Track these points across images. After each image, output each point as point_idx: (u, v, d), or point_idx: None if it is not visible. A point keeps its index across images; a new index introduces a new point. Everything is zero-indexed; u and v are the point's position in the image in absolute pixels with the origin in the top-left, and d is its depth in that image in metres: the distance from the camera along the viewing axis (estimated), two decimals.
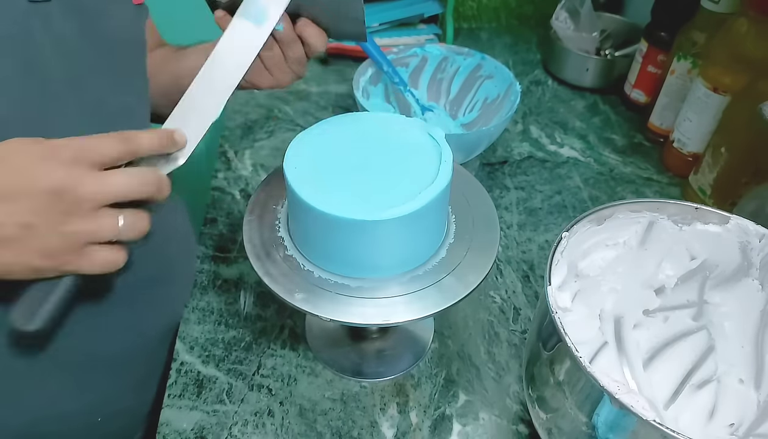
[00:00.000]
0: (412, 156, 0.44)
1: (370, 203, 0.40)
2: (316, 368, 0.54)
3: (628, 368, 0.48)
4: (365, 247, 0.41)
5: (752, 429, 0.42)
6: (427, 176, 0.42)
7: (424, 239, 0.43)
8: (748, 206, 0.56)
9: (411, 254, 0.43)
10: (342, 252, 0.42)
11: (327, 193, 0.40)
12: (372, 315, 0.40)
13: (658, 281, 0.48)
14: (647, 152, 0.81)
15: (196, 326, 0.57)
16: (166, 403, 0.50)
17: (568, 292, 0.45)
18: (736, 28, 0.65)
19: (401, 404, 0.51)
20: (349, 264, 0.42)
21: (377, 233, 0.40)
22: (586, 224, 0.42)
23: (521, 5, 1.12)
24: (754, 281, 0.43)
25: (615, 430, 0.32)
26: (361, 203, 0.39)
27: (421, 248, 0.44)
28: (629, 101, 0.88)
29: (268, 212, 0.47)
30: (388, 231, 0.40)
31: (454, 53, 0.77)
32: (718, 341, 0.46)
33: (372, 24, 0.95)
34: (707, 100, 0.68)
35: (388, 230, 0.40)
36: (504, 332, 0.57)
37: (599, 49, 0.96)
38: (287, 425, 0.49)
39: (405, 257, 0.43)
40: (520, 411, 0.51)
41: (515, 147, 0.81)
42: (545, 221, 0.69)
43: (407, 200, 0.39)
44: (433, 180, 0.41)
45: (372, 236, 0.40)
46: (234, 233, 0.66)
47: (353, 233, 0.40)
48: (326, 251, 0.42)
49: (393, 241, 0.41)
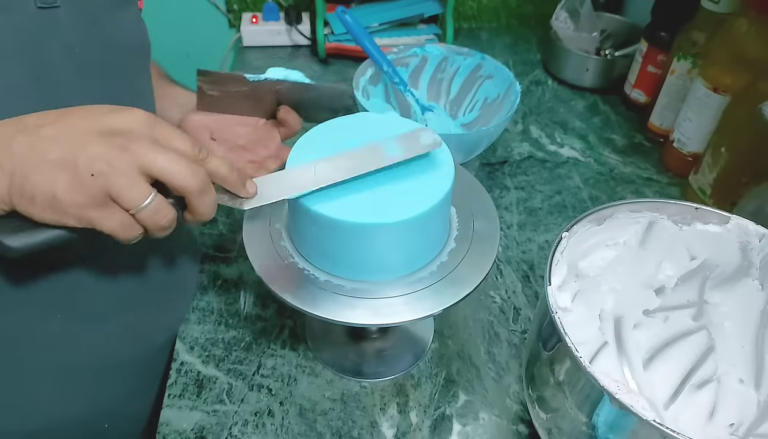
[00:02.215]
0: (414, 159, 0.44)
1: (372, 207, 0.39)
2: (316, 368, 0.54)
3: (628, 368, 0.48)
4: (367, 250, 0.41)
5: (752, 429, 0.42)
6: (429, 180, 0.42)
7: (426, 243, 0.43)
8: (748, 206, 0.56)
9: (413, 257, 0.43)
10: (342, 255, 0.41)
11: (328, 196, 0.40)
12: (372, 315, 0.40)
13: (658, 281, 0.47)
14: (647, 152, 0.81)
15: (196, 326, 0.57)
16: (166, 403, 0.50)
17: (568, 292, 0.45)
18: (736, 28, 0.65)
19: (401, 404, 0.51)
20: (349, 267, 0.42)
21: (379, 236, 0.40)
22: (586, 224, 0.42)
23: (521, 5, 1.12)
24: (754, 281, 0.43)
25: (615, 430, 0.32)
26: (362, 207, 0.39)
27: (423, 252, 0.44)
28: (629, 101, 0.88)
29: (268, 212, 0.47)
30: (390, 235, 0.40)
31: (454, 53, 0.77)
32: (718, 341, 0.46)
33: (372, 24, 0.95)
34: (707, 100, 0.68)
35: (390, 234, 0.40)
36: (504, 332, 0.57)
37: (599, 49, 0.96)
38: (287, 425, 0.49)
39: (407, 260, 0.43)
40: (520, 411, 0.51)
41: (515, 147, 0.81)
42: (545, 221, 0.69)
43: (409, 204, 0.39)
44: (436, 184, 0.41)
45: (374, 239, 0.40)
46: (234, 233, 0.66)
47: (354, 237, 0.40)
48: (326, 253, 0.42)
49: (395, 245, 0.41)
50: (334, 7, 0.88)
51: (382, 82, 0.76)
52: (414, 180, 0.42)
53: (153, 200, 0.34)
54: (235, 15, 1.07)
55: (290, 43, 1.02)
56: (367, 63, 0.73)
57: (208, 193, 0.37)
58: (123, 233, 0.35)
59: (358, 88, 0.70)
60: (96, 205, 0.33)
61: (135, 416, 0.58)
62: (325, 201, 0.39)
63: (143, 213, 0.34)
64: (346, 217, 0.39)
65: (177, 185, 0.35)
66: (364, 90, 0.72)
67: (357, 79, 0.71)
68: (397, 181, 0.42)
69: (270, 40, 1.02)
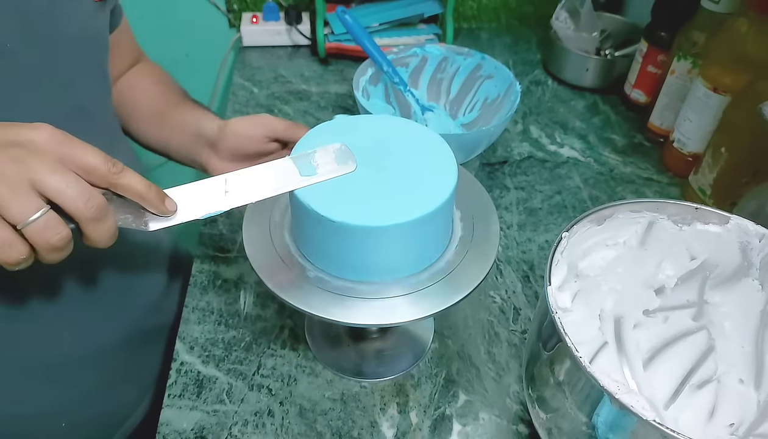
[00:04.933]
0: (416, 161, 0.44)
1: (374, 208, 0.39)
2: (316, 368, 0.54)
3: (628, 368, 0.48)
4: (368, 252, 0.41)
5: (752, 429, 0.42)
6: (432, 182, 0.42)
7: (429, 244, 0.43)
8: (748, 206, 0.56)
9: (415, 258, 0.43)
10: (343, 256, 0.41)
11: (330, 198, 0.40)
12: (372, 315, 0.40)
13: (658, 281, 0.47)
14: (647, 152, 0.81)
15: (196, 326, 0.57)
16: (166, 403, 0.50)
17: (568, 292, 0.45)
18: (736, 28, 0.65)
19: (401, 404, 0.51)
20: (350, 267, 0.42)
21: (382, 238, 0.40)
22: (586, 224, 0.42)
23: (521, 5, 1.12)
24: (754, 281, 0.43)
25: (615, 430, 0.32)
26: (365, 208, 0.39)
27: (425, 253, 0.44)
28: (629, 101, 0.88)
29: (268, 212, 0.47)
30: (393, 237, 0.40)
31: (454, 53, 0.77)
32: (718, 341, 0.46)
33: (372, 24, 0.95)
34: (707, 100, 0.68)
35: (393, 236, 0.40)
36: (504, 332, 0.57)
37: (599, 49, 0.96)
38: (287, 425, 0.49)
39: (410, 261, 0.43)
40: (520, 411, 0.51)
41: (515, 147, 0.81)
42: (545, 221, 0.69)
43: (412, 206, 0.39)
44: (439, 186, 0.41)
45: (377, 241, 0.40)
46: (234, 233, 0.66)
47: (356, 238, 0.40)
48: (326, 253, 0.42)
49: (397, 246, 0.41)
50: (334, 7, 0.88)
51: (382, 82, 0.76)
52: (416, 181, 0.42)
53: (43, 215, 0.32)
54: (235, 15, 1.07)
55: (290, 43, 1.02)
56: (367, 63, 0.73)
57: (103, 222, 0.34)
58: (2, 252, 0.32)
59: (358, 88, 0.70)
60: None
61: (98, 418, 0.58)
62: (327, 203, 0.39)
63: (31, 228, 0.32)
64: (349, 219, 0.38)
65: (68, 209, 0.33)
66: (364, 90, 0.72)
67: (357, 79, 0.71)
68: (398, 182, 0.42)
69: (270, 40, 1.02)
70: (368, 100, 0.73)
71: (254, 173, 0.40)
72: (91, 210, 0.33)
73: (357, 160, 0.42)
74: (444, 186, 0.41)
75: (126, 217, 0.36)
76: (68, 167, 0.33)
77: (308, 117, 0.85)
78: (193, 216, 0.38)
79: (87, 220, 0.33)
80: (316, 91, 0.91)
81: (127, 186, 0.35)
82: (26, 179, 0.31)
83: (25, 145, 0.32)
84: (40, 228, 0.32)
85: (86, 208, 0.33)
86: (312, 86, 0.92)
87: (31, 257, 0.34)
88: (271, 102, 0.88)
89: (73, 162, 0.33)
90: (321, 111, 0.87)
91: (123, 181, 0.35)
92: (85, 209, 0.33)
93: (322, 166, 0.41)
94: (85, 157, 0.33)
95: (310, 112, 0.86)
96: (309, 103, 0.88)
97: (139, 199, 0.36)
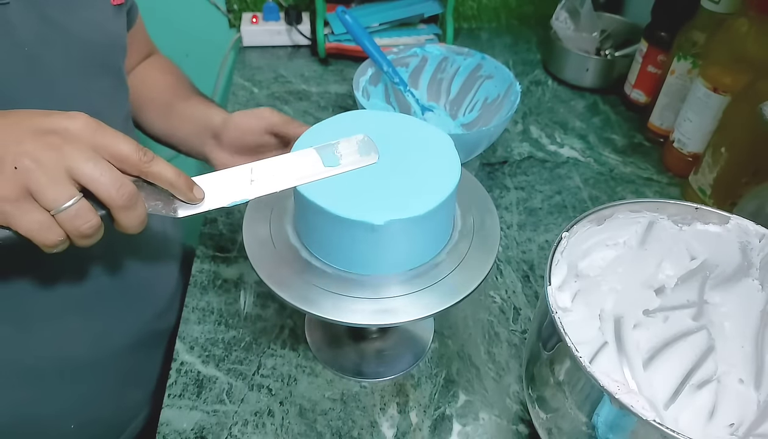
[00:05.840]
0: (419, 157, 0.44)
1: (378, 204, 0.39)
2: (316, 368, 0.54)
3: (628, 368, 0.48)
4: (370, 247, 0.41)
5: (752, 429, 0.42)
6: (435, 178, 0.42)
7: (432, 239, 0.43)
8: (748, 206, 0.56)
9: (418, 253, 0.43)
10: (345, 251, 0.42)
11: (333, 193, 0.40)
12: (372, 315, 0.40)
13: (658, 281, 0.47)
14: (647, 152, 0.81)
15: (196, 326, 0.57)
16: (166, 403, 0.50)
17: (568, 292, 0.45)
18: (736, 28, 0.65)
19: (401, 404, 0.51)
20: (350, 262, 0.42)
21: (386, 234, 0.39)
22: (586, 224, 0.42)
23: (521, 5, 1.12)
24: (754, 281, 0.43)
25: (615, 430, 0.32)
26: (368, 204, 0.39)
27: (428, 248, 0.44)
28: (629, 101, 0.88)
29: (267, 212, 0.47)
30: (395, 233, 0.40)
31: (454, 53, 0.77)
32: (718, 341, 0.46)
33: (372, 24, 0.95)
34: (707, 100, 0.68)
35: (395, 232, 0.40)
36: (504, 332, 0.57)
37: (599, 49, 0.96)
38: (287, 425, 0.49)
39: (411, 256, 0.43)
40: (520, 411, 0.51)
41: (515, 147, 0.81)
42: (545, 221, 0.69)
43: (415, 202, 0.39)
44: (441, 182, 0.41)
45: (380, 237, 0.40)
46: (234, 233, 0.66)
47: (359, 234, 0.40)
48: (327, 249, 0.42)
49: (400, 242, 0.41)
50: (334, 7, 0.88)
51: (382, 82, 0.76)
52: (418, 177, 0.42)
53: (75, 203, 0.33)
54: (235, 15, 1.07)
55: (290, 43, 1.02)
56: (367, 63, 0.73)
57: (133, 209, 0.35)
58: (40, 235, 0.33)
59: (358, 88, 0.70)
60: (13, 200, 0.32)
61: (106, 419, 0.58)
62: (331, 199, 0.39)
63: (63, 215, 0.33)
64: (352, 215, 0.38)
65: (101, 196, 0.34)
66: (364, 90, 0.72)
67: (357, 79, 0.71)
68: (401, 178, 0.42)
69: (270, 40, 1.02)
70: (368, 100, 0.73)
71: (279, 163, 0.41)
72: (122, 198, 0.34)
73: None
74: (446, 183, 0.41)
75: (156, 204, 0.38)
76: (101, 155, 0.34)
77: (308, 117, 0.85)
78: (219, 204, 0.39)
79: (119, 207, 0.34)
80: (316, 91, 0.91)
81: (157, 174, 0.36)
82: (63, 167, 0.32)
83: (60, 133, 0.33)
84: (71, 216, 0.33)
85: (118, 196, 0.34)
86: (312, 86, 0.92)
87: (66, 241, 0.35)
88: (271, 102, 0.88)
89: (106, 150, 0.34)
90: (321, 111, 0.87)
91: (154, 170, 0.36)
92: (117, 197, 0.34)
93: (345, 156, 0.42)
94: (118, 145, 0.34)
95: (310, 112, 0.86)
96: (309, 103, 0.88)
97: (169, 186, 0.37)
